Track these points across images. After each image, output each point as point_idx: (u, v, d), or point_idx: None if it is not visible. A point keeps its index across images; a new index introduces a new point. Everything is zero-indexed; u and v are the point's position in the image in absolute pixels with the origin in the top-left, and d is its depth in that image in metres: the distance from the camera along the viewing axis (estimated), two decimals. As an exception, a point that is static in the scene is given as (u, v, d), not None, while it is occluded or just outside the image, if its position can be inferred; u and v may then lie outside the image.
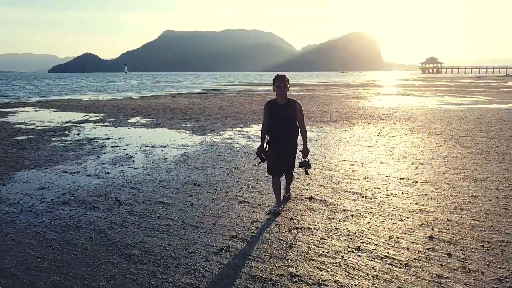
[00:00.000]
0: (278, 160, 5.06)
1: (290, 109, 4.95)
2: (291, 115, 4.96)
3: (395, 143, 10.24)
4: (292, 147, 5.08)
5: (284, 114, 4.94)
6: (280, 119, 4.96)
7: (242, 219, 5.00)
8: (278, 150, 5.03)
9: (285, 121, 4.97)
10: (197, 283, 3.49)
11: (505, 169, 7.44)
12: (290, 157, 5.10)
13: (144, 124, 14.23)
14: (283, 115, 4.94)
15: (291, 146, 5.06)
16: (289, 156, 5.09)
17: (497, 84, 50.02)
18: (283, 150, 5.03)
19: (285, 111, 4.94)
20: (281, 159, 5.06)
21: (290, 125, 5.00)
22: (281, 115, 4.94)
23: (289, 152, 5.08)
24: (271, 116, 4.98)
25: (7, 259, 3.96)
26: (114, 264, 3.84)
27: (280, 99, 4.96)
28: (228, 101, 25.25)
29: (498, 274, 3.59)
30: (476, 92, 33.34)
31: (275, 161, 5.08)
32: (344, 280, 3.51)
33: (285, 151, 5.04)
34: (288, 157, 5.09)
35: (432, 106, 20.78)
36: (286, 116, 4.95)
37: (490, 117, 15.63)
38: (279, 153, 5.03)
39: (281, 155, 5.04)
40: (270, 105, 5.02)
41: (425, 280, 3.49)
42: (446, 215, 5.08)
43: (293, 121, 5.00)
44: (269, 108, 5.00)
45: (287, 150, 5.05)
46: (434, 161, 8.10)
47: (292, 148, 5.09)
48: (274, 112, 4.97)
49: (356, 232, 4.55)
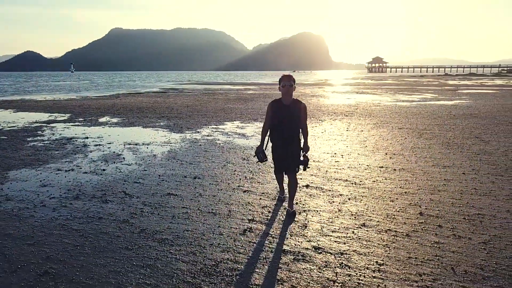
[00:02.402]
0: (281, 159, 5.13)
1: (295, 109, 4.97)
2: (295, 115, 4.97)
3: (365, 137, 11.09)
4: (295, 146, 5.09)
5: (289, 114, 4.95)
6: (284, 119, 4.97)
7: (253, 205, 5.47)
8: (281, 150, 5.08)
9: (289, 120, 4.98)
10: (236, 258, 3.94)
11: (466, 157, 8.43)
12: (292, 156, 5.09)
13: (117, 123, 14.21)
14: (287, 115, 4.95)
15: (294, 146, 5.08)
16: (293, 155, 5.08)
17: (439, 83, 53.54)
18: (286, 149, 5.06)
19: (289, 111, 4.95)
20: (284, 158, 5.10)
21: (294, 125, 5.02)
22: (285, 114, 4.95)
23: (293, 151, 5.07)
24: (275, 116, 4.99)
25: (47, 248, 4.18)
26: (152, 247, 4.19)
27: (286, 99, 4.96)
28: (193, 100, 25.40)
29: (482, 239, 4.33)
30: (422, 90, 35.66)
31: (278, 160, 5.17)
32: (361, 249, 4.10)
33: (288, 149, 5.06)
34: (291, 156, 5.08)
35: (387, 103, 22.18)
36: (290, 116, 4.96)
37: (441, 113, 17.06)
38: (282, 153, 5.08)
39: (283, 154, 5.08)
40: (275, 104, 5.02)
41: (426, 246, 4.15)
42: (428, 195, 5.84)
43: (297, 121, 5.01)
44: (274, 107, 5.01)
45: (290, 148, 5.06)
46: (404, 152, 8.97)
47: (295, 147, 5.09)
48: (278, 111, 4.97)
49: (357, 212, 5.17)
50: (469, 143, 9.91)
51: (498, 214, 5.05)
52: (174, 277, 3.57)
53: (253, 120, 15.03)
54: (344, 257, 3.94)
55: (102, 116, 16.37)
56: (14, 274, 3.64)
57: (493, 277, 3.54)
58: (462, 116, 15.73)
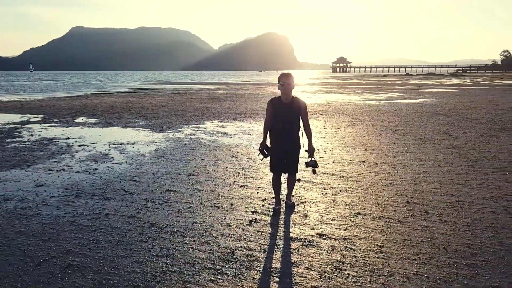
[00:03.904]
0: (280, 157, 5.11)
1: (294, 107, 4.98)
2: (294, 113, 4.99)
3: (342, 134, 11.61)
4: (295, 144, 5.09)
5: (288, 112, 4.97)
6: (283, 117, 4.98)
7: (252, 198, 5.77)
8: (280, 147, 5.07)
9: (288, 118, 4.99)
10: (249, 245, 4.23)
11: (438, 151, 9.07)
12: (292, 155, 5.10)
13: (96, 124, 14.09)
14: (286, 113, 4.97)
15: (293, 144, 5.08)
16: (292, 153, 5.10)
17: (402, 82, 55.64)
18: (285, 147, 5.06)
19: (288, 109, 4.96)
20: (283, 156, 5.10)
21: (292, 123, 5.02)
22: (284, 112, 4.97)
23: (292, 149, 5.09)
24: (273, 113, 5.01)
25: (63, 242, 4.31)
26: (166, 239, 4.40)
27: (285, 97, 4.99)
28: (166, 99, 25.32)
29: (465, 222, 4.83)
30: (387, 89, 37.04)
31: (277, 158, 5.12)
32: (361, 235, 4.49)
33: (287, 148, 5.06)
34: (290, 155, 5.10)
35: (357, 102, 23.01)
36: (289, 114, 4.98)
37: (409, 110, 17.95)
38: (281, 150, 5.08)
39: (283, 152, 5.08)
40: (274, 102, 5.04)
41: (418, 230, 4.60)
42: (411, 186, 6.33)
43: (296, 119, 5.03)
44: (274, 105, 5.02)
45: (289, 147, 5.07)
46: (382, 147, 9.52)
47: (295, 146, 5.09)
48: (277, 109, 4.99)
49: (350, 202, 5.58)
50: (439, 138, 10.61)
51: (475, 201, 5.59)
52: (196, 264, 3.81)
53: (232, 119, 15.28)
54: (347, 241, 4.31)
55: (77, 117, 16.13)
56: (38, 268, 3.76)
57: (480, 253, 4.01)
58: (429, 113, 16.63)
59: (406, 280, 3.51)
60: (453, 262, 3.82)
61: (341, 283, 3.48)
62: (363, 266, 3.76)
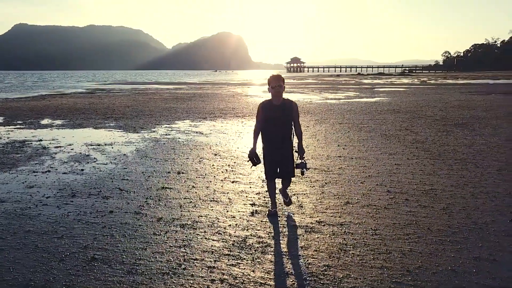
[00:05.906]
0: (274, 162, 5.03)
1: (286, 110, 4.91)
2: (286, 115, 4.92)
3: (313, 132, 12.20)
4: (288, 148, 5.00)
5: (280, 115, 4.88)
6: (275, 120, 4.89)
7: (247, 192, 6.13)
8: (273, 152, 4.98)
9: (280, 121, 4.91)
10: (257, 233, 4.59)
11: (404, 145, 9.85)
12: (286, 159, 5.01)
13: (64, 125, 13.81)
14: (278, 116, 4.88)
15: (286, 147, 4.99)
16: (285, 158, 5.01)
17: (355, 82, 57.91)
18: (278, 151, 4.97)
19: (280, 111, 4.88)
20: (277, 161, 5.02)
21: (285, 126, 4.95)
22: (276, 115, 4.88)
23: (285, 153, 4.99)
24: (265, 117, 4.92)
25: (78, 238, 4.47)
26: (178, 231, 4.67)
27: (276, 99, 4.93)
28: (130, 100, 24.98)
29: (441, 206, 5.47)
30: (344, 89, 38.53)
31: (270, 164, 5.03)
32: (354, 220, 4.98)
33: (280, 152, 4.97)
34: (283, 159, 5.01)
35: (318, 101, 23.88)
36: (281, 117, 4.90)
37: (369, 108, 18.96)
38: (274, 155, 4.99)
39: (276, 156, 4.99)
40: (265, 105, 4.97)
41: (403, 214, 5.16)
42: (388, 177, 6.95)
43: (289, 122, 4.96)
44: (264, 108, 4.95)
45: (282, 151, 4.97)
46: (353, 143, 10.18)
47: (287, 149, 5.00)
48: (269, 112, 4.91)
49: (338, 193, 6.08)
50: (402, 134, 11.45)
51: (446, 188, 6.28)
52: (214, 252, 4.13)
53: (202, 119, 15.50)
54: (344, 227, 4.79)
55: (41, 119, 15.68)
56: (63, 262, 3.92)
57: (459, 232, 4.62)
58: (387, 111, 17.68)
59: (403, 256, 4.02)
60: (438, 240, 4.40)
61: (349, 261, 3.93)
62: (363, 247, 4.24)
